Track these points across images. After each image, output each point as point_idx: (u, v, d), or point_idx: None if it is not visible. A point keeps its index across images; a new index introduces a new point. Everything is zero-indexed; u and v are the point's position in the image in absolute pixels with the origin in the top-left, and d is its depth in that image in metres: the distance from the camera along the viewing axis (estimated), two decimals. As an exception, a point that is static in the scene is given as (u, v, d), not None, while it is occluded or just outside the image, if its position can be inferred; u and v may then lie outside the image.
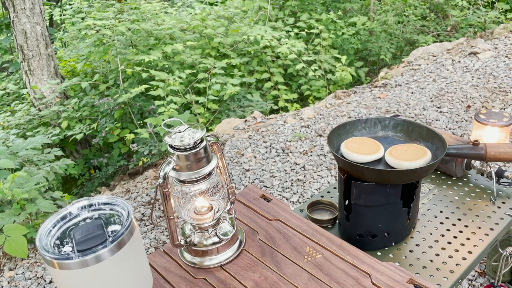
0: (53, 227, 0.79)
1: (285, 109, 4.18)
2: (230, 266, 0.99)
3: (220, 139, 3.26)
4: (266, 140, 3.14)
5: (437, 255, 1.12)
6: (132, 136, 3.25)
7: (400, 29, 5.41)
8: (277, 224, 1.10)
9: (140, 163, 3.26)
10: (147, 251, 2.22)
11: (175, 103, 3.37)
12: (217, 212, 0.98)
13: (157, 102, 3.37)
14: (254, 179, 2.70)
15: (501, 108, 3.20)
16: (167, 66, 4.11)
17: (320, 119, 3.38)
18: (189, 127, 0.91)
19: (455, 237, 1.17)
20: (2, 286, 2.13)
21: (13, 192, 2.18)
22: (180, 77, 3.68)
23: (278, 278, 0.94)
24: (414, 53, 4.69)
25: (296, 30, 4.90)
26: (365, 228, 1.15)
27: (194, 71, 4.01)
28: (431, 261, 1.10)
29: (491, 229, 1.19)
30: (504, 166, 2.51)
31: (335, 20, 5.13)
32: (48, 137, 3.32)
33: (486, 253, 1.15)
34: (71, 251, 0.74)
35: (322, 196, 1.41)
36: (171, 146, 0.88)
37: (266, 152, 2.99)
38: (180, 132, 0.90)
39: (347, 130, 1.24)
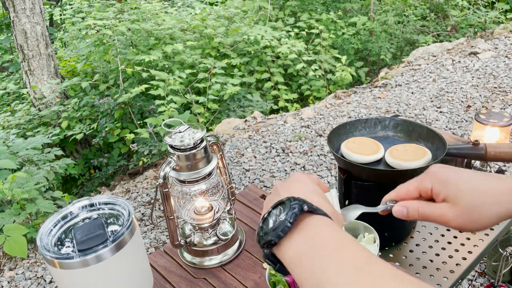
0: (54, 227, 0.79)
1: (285, 109, 4.18)
2: (230, 266, 0.99)
3: (220, 139, 3.26)
4: (266, 140, 3.14)
5: (437, 255, 1.12)
6: (132, 136, 3.25)
7: (400, 29, 5.41)
8: (277, 224, 1.10)
9: (140, 163, 3.26)
10: (147, 251, 2.22)
11: (175, 102, 3.37)
12: (217, 212, 0.98)
13: (157, 102, 3.37)
14: (254, 179, 2.70)
15: (501, 108, 3.20)
16: (167, 66, 4.12)
17: (320, 119, 3.38)
18: (189, 127, 0.91)
19: (455, 237, 1.17)
20: (2, 286, 2.13)
21: (13, 192, 2.18)
22: (180, 77, 3.68)
23: (278, 278, 0.94)
24: (414, 53, 4.69)
25: (296, 30, 4.90)
26: (365, 228, 1.15)
27: (194, 71, 4.01)
28: (431, 261, 1.10)
29: (491, 229, 1.19)
30: (504, 166, 2.51)
31: (335, 20, 5.14)
32: (48, 137, 3.32)
33: (486, 253, 1.15)
34: (72, 251, 0.74)
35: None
36: (171, 146, 0.88)
37: (266, 152, 2.99)
38: (180, 132, 0.89)
39: (347, 130, 1.24)
